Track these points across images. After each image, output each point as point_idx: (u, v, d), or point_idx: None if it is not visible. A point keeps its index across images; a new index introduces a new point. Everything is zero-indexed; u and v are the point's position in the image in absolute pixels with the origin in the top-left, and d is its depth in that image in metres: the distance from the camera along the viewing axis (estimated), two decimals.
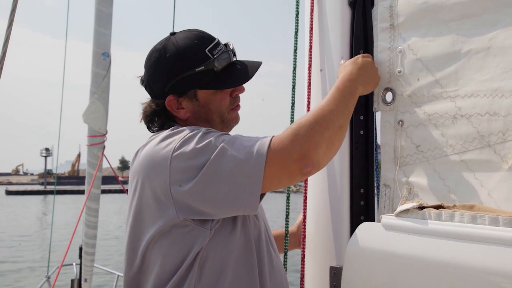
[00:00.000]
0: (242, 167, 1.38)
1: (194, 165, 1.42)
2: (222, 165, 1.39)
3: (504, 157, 1.36)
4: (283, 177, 1.41)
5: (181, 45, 1.61)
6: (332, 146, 1.46)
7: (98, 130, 4.94)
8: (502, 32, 1.39)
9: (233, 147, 1.41)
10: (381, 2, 1.67)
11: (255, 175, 1.38)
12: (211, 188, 1.41)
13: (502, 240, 1.07)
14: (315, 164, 1.40)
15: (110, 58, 4.90)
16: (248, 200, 1.40)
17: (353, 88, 1.58)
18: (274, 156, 1.38)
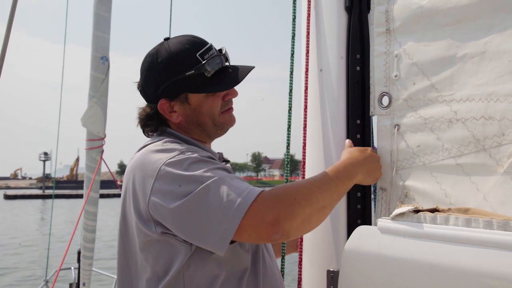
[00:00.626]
0: (221, 212, 1.38)
1: (176, 191, 1.42)
2: (203, 203, 1.39)
3: (499, 161, 1.37)
4: (253, 235, 1.40)
5: (172, 50, 1.64)
6: (308, 223, 1.45)
7: (96, 134, 4.95)
8: (497, 36, 1.40)
9: (220, 188, 1.40)
10: (377, 6, 1.68)
11: (230, 224, 1.37)
12: (186, 219, 1.41)
13: (496, 243, 1.08)
14: (284, 233, 1.38)
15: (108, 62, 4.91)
16: (217, 243, 1.40)
17: (353, 173, 1.57)
18: (252, 213, 1.37)
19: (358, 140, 1.75)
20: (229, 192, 1.39)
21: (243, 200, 1.37)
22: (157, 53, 1.66)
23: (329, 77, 1.81)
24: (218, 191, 1.39)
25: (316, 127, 1.82)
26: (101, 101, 4.91)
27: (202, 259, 1.51)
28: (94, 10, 4.82)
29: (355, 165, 1.58)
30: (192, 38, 1.68)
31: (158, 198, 1.44)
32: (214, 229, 1.39)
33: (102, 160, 4.96)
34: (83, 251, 5.11)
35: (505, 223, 1.10)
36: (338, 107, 1.78)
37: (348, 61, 1.77)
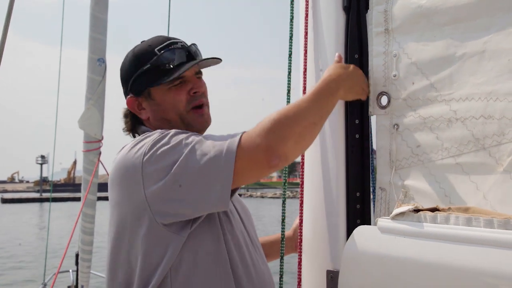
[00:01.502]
0: (212, 165, 1.40)
1: (164, 165, 1.44)
2: (192, 163, 1.41)
3: (499, 159, 1.37)
4: (253, 170, 1.43)
5: (136, 49, 1.73)
6: (301, 141, 1.48)
7: (94, 136, 4.93)
8: (496, 35, 1.40)
9: (203, 145, 1.44)
10: (376, 6, 1.68)
11: (225, 171, 1.39)
12: (183, 187, 1.42)
13: (496, 242, 1.08)
14: (281, 157, 1.41)
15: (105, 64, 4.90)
16: (219, 197, 1.42)
17: (334, 89, 1.58)
18: (243, 151, 1.40)
19: (357, 140, 1.75)
20: (214, 144, 1.43)
21: (229, 145, 1.41)
22: (126, 55, 1.76)
23: None
24: (202, 148, 1.42)
25: None
26: (98, 103, 4.90)
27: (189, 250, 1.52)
28: (91, 11, 4.80)
29: (337, 80, 1.59)
30: (159, 37, 1.75)
31: (152, 180, 1.45)
32: (211, 184, 1.41)
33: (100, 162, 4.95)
34: (81, 254, 5.09)
35: (506, 222, 1.09)
36: (336, 107, 1.77)
37: (347, 61, 1.77)
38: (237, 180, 1.42)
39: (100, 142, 4.97)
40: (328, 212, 1.75)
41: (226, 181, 1.40)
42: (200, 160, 1.41)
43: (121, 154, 1.58)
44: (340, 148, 1.75)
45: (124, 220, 1.55)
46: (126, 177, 1.52)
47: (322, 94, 1.55)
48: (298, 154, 1.52)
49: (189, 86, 1.70)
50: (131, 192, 1.50)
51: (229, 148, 1.41)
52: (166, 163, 1.44)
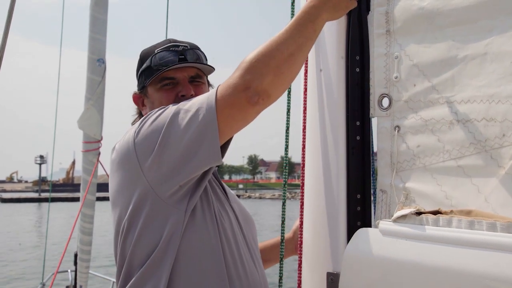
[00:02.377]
0: (196, 120, 1.43)
1: (153, 134, 1.48)
2: (178, 124, 1.45)
3: (500, 162, 1.36)
4: (236, 114, 1.44)
5: (143, 50, 1.84)
6: (280, 75, 1.45)
7: (93, 136, 4.94)
8: (498, 38, 1.40)
9: (185, 106, 1.48)
10: (377, 8, 1.68)
11: (209, 125, 1.42)
12: (172, 147, 1.45)
13: (499, 246, 1.07)
14: (261, 93, 1.41)
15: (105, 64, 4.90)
16: (209, 150, 1.44)
17: (315, 15, 1.52)
18: (222, 99, 1.42)
19: (358, 142, 1.74)
20: (194, 105, 1.46)
21: (208, 100, 1.44)
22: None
23: (329, 79, 1.80)
24: (185, 109, 1.47)
25: (315, 129, 1.81)
26: (98, 104, 4.90)
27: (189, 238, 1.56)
28: (91, 12, 4.81)
29: (317, 6, 1.53)
30: (167, 39, 1.84)
31: (145, 152, 1.49)
32: (199, 138, 1.43)
33: (99, 162, 4.95)
34: (80, 254, 5.09)
35: (508, 225, 1.09)
36: (337, 109, 1.77)
37: (348, 63, 1.77)
38: (225, 130, 1.44)
39: (100, 142, 4.98)
40: (328, 214, 1.75)
41: (212, 134, 1.42)
42: (183, 121, 1.44)
43: (119, 141, 1.64)
44: (341, 150, 1.75)
45: (127, 206, 1.57)
46: (123, 160, 1.56)
47: (299, 23, 1.50)
48: (281, 89, 1.49)
49: (178, 88, 1.75)
50: (131, 174, 1.54)
51: (209, 102, 1.43)
52: (153, 135, 1.48)
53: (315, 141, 1.81)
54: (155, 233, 1.53)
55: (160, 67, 1.73)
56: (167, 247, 1.53)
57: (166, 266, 1.52)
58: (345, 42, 1.79)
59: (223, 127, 1.43)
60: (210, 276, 1.58)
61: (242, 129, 1.53)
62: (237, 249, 1.68)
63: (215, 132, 1.42)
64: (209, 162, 1.49)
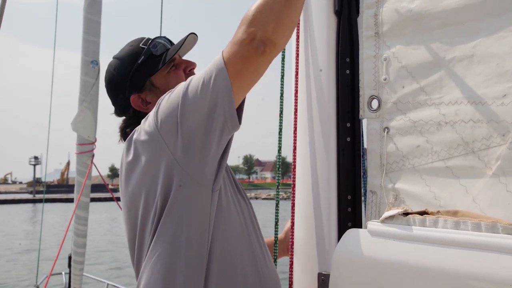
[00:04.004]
0: (208, 86, 1.44)
1: (172, 113, 1.47)
2: (193, 92, 1.46)
3: (488, 163, 1.38)
4: (248, 67, 1.45)
5: (119, 55, 1.81)
6: (281, 22, 1.47)
7: (87, 138, 4.93)
8: (485, 40, 1.41)
9: (195, 77, 1.50)
10: (366, 10, 1.69)
11: (223, 84, 1.43)
12: (191, 119, 1.45)
13: (484, 246, 1.09)
14: (266, 42, 1.42)
15: (99, 66, 4.89)
16: (226, 112, 1.44)
17: None
18: (230, 57, 1.44)
19: (349, 143, 1.76)
20: (205, 72, 1.47)
21: (217, 65, 1.44)
22: (109, 67, 1.83)
23: (319, 81, 1.82)
24: (196, 79, 1.48)
25: (306, 130, 1.83)
26: (92, 106, 4.90)
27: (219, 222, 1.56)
28: (84, 14, 4.80)
29: None
30: (136, 39, 1.84)
31: (168, 131, 1.48)
32: (215, 99, 1.43)
33: (93, 164, 4.94)
34: (74, 256, 5.08)
35: (493, 225, 1.10)
36: (328, 110, 1.79)
37: (338, 65, 1.78)
38: (238, 84, 1.45)
39: (93, 144, 4.97)
40: (319, 215, 1.76)
41: (228, 95, 1.43)
42: (197, 90, 1.45)
43: (134, 136, 1.59)
44: (332, 151, 1.76)
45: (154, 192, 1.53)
46: (148, 145, 1.53)
47: None
48: (284, 36, 1.51)
49: (182, 66, 1.79)
50: (158, 156, 1.51)
51: (217, 65, 1.45)
52: (172, 111, 1.48)
53: (306, 142, 1.83)
54: (189, 214, 1.52)
55: (164, 51, 1.76)
56: (203, 227, 1.52)
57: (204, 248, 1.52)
58: (335, 45, 1.80)
59: (237, 83, 1.45)
60: (245, 257, 1.61)
61: (256, 82, 1.54)
62: (255, 234, 1.70)
63: (229, 92, 1.43)
64: (228, 126, 1.48)
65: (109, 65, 1.83)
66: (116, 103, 1.83)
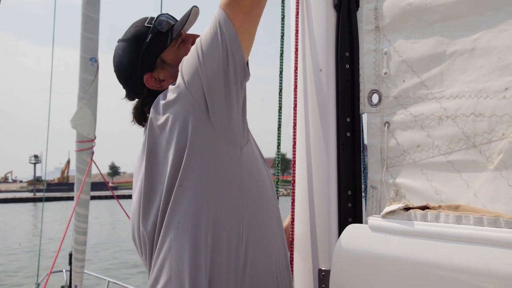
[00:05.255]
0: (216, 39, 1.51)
1: (195, 69, 1.52)
2: (206, 49, 1.52)
3: (489, 157, 1.37)
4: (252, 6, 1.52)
5: (126, 37, 1.80)
6: None
7: (86, 135, 4.91)
8: (486, 33, 1.40)
9: (204, 35, 1.55)
10: (366, 4, 1.68)
11: (229, 31, 1.50)
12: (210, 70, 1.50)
13: (486, 240, 1.08)
14: None
15: (97, 63, 4.88)
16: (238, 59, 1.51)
17: None
18: (232, 8, 1.50)
19: (349, 138, 1.75)
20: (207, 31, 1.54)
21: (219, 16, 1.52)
22: (117, 50, 1.81)
23: (319, 76, 1.80)
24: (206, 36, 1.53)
25: (306, 125, 1.82)
26: (91, 103, 4.88)
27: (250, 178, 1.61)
28: (82, 11, 4.78)
29: None
30: (139, 19, 1.84)
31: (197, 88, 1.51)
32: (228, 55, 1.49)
33: (93, 161, 4.93)
34: (75, 254, 5.07)
35: (495, 220, 1.09)
36: (328, 105, 1.78)
37: (337, 59, 1.77)
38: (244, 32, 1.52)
39: (93, 141, 4.96)
40: (320, 210, 1.75)
41: (236, 43, 1.50)
42: (209, 47, 1.51)
43: (161, 101, 1.61)
44: (332, 147, 1.75)
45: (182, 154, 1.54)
46: (179, 104, 1.55)
47: None
48: None
49: (190, 40, 1.79)
50: (189, 114, 1.52)
51: (220, 19, 1.51)
52: (195, 70, 1.52)
53: (306, 138, 1.82)
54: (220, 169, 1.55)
55: (170, 26, 1.78)
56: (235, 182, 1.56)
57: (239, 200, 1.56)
58: (334, 39, 1.79)
59: (244, 18, 1.51)
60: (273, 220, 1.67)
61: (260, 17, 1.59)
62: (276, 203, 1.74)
63: (237, 41, 1.50)
64: (239, 76, 1.53)
65: (117, 48, 1.81)
66: (128, 85, 1.81)
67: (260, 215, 1.61)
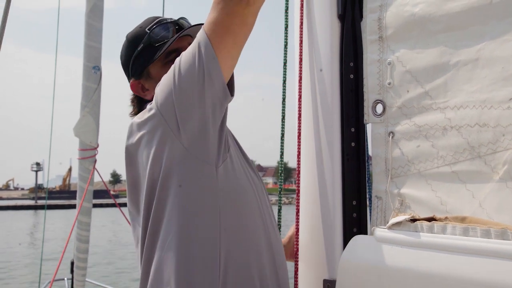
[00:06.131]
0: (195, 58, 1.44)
1: (169, 90, 1.47)
2: (183, 69, 1.46)
3: (494, 167, 1.36)
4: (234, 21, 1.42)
5: (129, 33, 1.78)
6: None
7: (89, 143, 4.92)
8: (489, 44, 1.40)
9: (185, 54, 1.49)
10: (370, 14, 1.68)
11: (208, 52, 1.42)
12: (184, 92, 1.45)
13: (493, 253, 1.07)
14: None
15: (100, 71, 4.89)
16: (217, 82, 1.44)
17: None
18: (210, 25, 1.43)
19: (353, 148, 1.75)
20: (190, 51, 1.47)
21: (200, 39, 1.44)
22: (122, 45, 1.81)
23: (323, 85, 1.81)
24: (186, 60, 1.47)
25: (310, 135, 1.82)
26: (94, 111, 4.89)
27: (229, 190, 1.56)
28: (86, 20, 4.80)
29: None
30: (149, 18, 1.79)
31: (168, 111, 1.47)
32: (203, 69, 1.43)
33: (95, 170, 4.93)
34: (77, 262, 5.06)
35: (503, 232, 1.09)
36: (332, 115, 1.78)
37: (342, 69, 1.77)
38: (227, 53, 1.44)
39: (96, 149, 4.96)
40: (324, 220, 1.75)
41: (214, 68, 1.43)
42: (186, 68, 1.45)
43: (135, 119, 1.59)
44: (336, 157, 1.75)
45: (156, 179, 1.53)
46: (150, 126, 1.52)
47: None
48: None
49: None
50: (161, 136, 1.50)
51: (200, 38, 1.45)
52: (169, 91, 1.47)
53: (310, 148, 1.82)
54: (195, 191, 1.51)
55: (161, 41, 1.71)
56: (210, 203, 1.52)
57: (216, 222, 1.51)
58: (339, 49, 1.79)
59: (224, 49, 1.43)
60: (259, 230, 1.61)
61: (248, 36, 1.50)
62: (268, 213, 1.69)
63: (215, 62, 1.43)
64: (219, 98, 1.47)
65: (123, 43, 1.81)
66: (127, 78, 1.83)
67: (239, 233, 1.56)
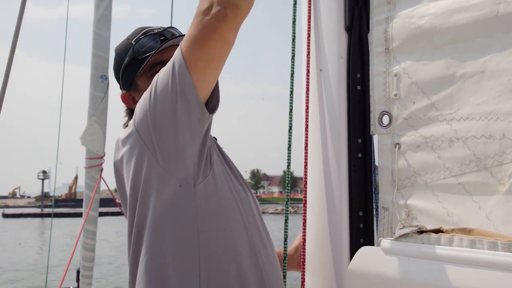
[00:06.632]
0: (169, 77, 1.41)
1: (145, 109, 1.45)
2: (159, 87, 1.43)
3: (501, 179, 1.37)
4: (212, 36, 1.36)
5: (117, 48, 1.78)
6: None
7: (96, 152, 4.93)
8: (495, 56, 1.41)
9: (162, 71, 1.46)
10: (376, 26, 1.70)
11: (182, 75, 1.39)
12: (159, 112, 1.43)
13: (501, 265, 1.08)
14: (225, 4, 1.32)
15: (108, 80, 4.92)
16: (197, 108, 1.41)
17: None
18: (186, 43, 1.39)
19: (360, 158, 1.75)
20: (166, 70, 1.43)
21: (175, 59, 1.41)
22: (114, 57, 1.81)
23: (330, 97, 1.82)
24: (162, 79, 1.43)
25: (317, 146, 1.83)
26: (101, 120, 4.91)
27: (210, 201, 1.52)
28: (94, 29, 4.84)
29: None
30: (138, 28, 1.77)
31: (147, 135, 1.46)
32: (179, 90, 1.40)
33: (102, 178, 4.94)
34: (82, 270, 5.06)
35: (510, 244, 1.09)
36: (339, 126, 1.79)
37: (349, 81, 1.78)
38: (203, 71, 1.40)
39: (102, 158, 4.98)
40: (331, 231, 1.75)
41: (189, 87, 1.39)
42: (162, 86, 1.42)
43: (120, 136, 1.60)
44: (343, 168, 1.76)
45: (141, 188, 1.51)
46: (129, 145, 1.52)
47: None
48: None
49: None
50: (139, 155, 1.49)
51: (176, 56, 1.42)
52: (145, 110, 1.46)
53: (318, 158, 1.83)
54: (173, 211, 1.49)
55: (146, 53, 1.68)
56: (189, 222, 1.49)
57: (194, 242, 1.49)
58: (346, 61, 1.81)
59: (199, 68, 1.39)
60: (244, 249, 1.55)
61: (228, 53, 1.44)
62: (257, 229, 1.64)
63: (189, 82, 1.39)
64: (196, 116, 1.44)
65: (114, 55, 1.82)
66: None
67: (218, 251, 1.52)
